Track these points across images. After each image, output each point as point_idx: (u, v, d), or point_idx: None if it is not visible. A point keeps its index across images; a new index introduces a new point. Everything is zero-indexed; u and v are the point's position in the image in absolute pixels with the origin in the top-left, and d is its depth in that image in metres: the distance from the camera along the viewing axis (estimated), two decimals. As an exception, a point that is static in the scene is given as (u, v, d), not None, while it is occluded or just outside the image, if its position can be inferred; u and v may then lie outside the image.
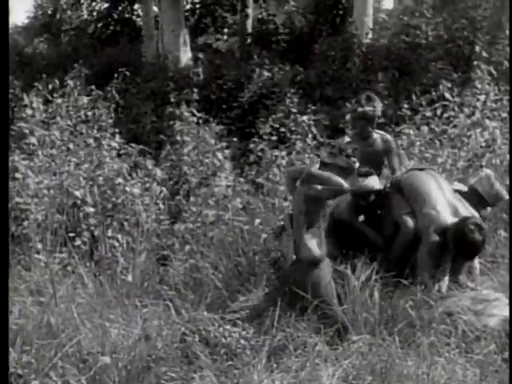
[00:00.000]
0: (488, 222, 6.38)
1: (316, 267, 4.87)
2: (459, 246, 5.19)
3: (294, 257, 5.00)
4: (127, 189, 6.91)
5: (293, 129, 8.91)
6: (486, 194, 5.69)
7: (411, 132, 8.10)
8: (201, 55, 13.76)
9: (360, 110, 5.82)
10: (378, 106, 5.92)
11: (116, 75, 10.33)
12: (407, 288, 5.08)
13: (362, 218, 5.84)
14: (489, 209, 6.00)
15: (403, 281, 5.17)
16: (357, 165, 5.06)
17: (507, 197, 5.83)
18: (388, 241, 5.56)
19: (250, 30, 16.23)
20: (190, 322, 4.85)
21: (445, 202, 5.41)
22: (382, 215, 5.75)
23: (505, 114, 8.06)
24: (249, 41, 15.72)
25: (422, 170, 5.82)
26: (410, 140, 7.96)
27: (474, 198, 5.66)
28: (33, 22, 23.17)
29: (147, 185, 7.26)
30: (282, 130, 9.00)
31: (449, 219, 5.29)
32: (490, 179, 5.76)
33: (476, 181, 5.78)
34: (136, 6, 18.54)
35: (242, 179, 7.85)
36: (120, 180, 6.99)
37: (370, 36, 12.48)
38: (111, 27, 18.19)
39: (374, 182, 5.64)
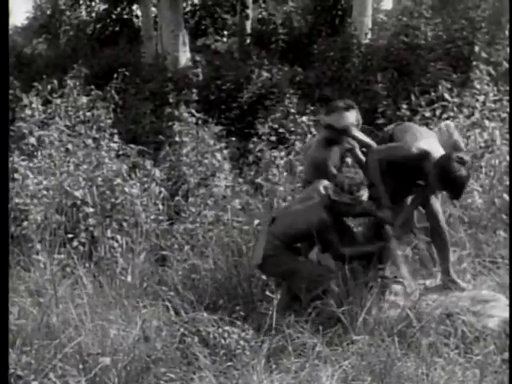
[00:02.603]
0: (488, 223, 6.39)
1: None
2: (443, 181, 5.10)
3: None
4: (126, 189, 6.91)
5: (292, 129, 8.91)
6: (444, 143, 5.57)
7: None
8: (199, 57, 13.75)
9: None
10: None
11: (115, 76, 10.33)
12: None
13: None
14: None
15: (403, 280, 5.17)
16: (365, 196, 5.12)
17: (463, 146, 5.78)
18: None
19: (249, 30, 16.23)
20: (189, 323, 4.86)
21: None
22: None
23: (504, 115, 8.05)
24: (248, 41, 15.71)
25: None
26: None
27: None
28: (32, 22, 23.16)
29: (146, 185, 7.26)
30: (281, 130, 8.99)
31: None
32: (450, 129, 5.69)
33: (436, 131, 5.74)
34: (135, 7, 18.55)
35: (241, 180, 7.84)
36: (119, 180, 6.98)
37: (369, 36, 12.48)
38: (110, 28, 18.18)
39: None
